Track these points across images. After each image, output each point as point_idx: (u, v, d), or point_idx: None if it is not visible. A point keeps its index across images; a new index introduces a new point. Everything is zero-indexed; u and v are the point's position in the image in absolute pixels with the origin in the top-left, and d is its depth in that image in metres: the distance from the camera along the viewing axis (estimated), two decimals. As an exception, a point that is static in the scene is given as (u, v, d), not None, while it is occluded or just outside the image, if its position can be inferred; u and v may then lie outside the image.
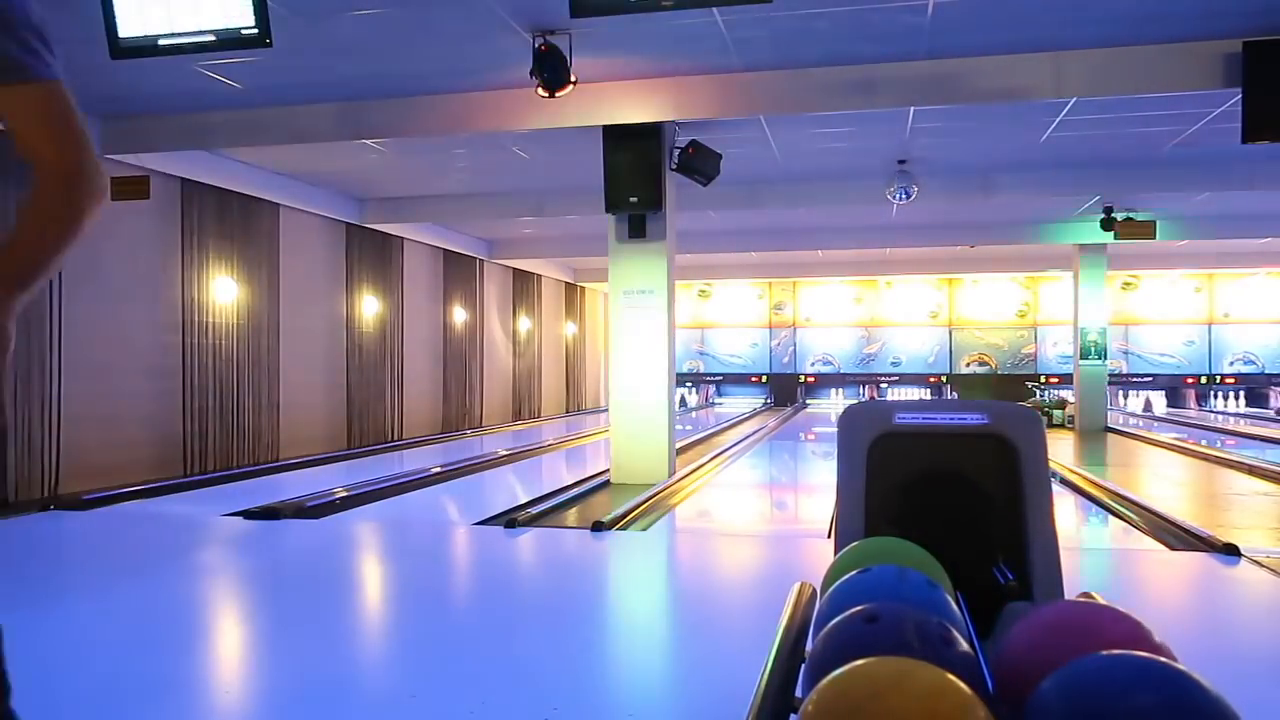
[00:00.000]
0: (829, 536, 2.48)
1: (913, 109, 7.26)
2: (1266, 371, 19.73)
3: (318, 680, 3.10)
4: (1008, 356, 20.71)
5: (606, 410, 14.36)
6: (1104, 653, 1.31)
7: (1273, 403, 19.33)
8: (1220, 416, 17.69)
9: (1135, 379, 20.18)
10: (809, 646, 1.65)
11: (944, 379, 20.70)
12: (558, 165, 9.41)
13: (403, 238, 12.81)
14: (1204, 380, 19.89)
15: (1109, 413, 15.12)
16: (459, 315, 14.67)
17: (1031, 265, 17.95)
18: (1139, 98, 6.71)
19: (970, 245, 14.43)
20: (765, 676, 1.54)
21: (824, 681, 1.31)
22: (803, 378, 21.26)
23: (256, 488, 7.83)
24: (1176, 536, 5.56)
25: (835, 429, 2.61)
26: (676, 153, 7.44)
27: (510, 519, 5.96)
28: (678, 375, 11.10)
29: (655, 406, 7.69)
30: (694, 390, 21.72)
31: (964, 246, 14.65)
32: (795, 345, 21.40)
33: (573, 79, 5.95)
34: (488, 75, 6.71)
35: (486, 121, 7.21)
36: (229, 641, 3.81)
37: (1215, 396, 19.87)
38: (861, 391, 20.96)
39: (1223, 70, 5.93)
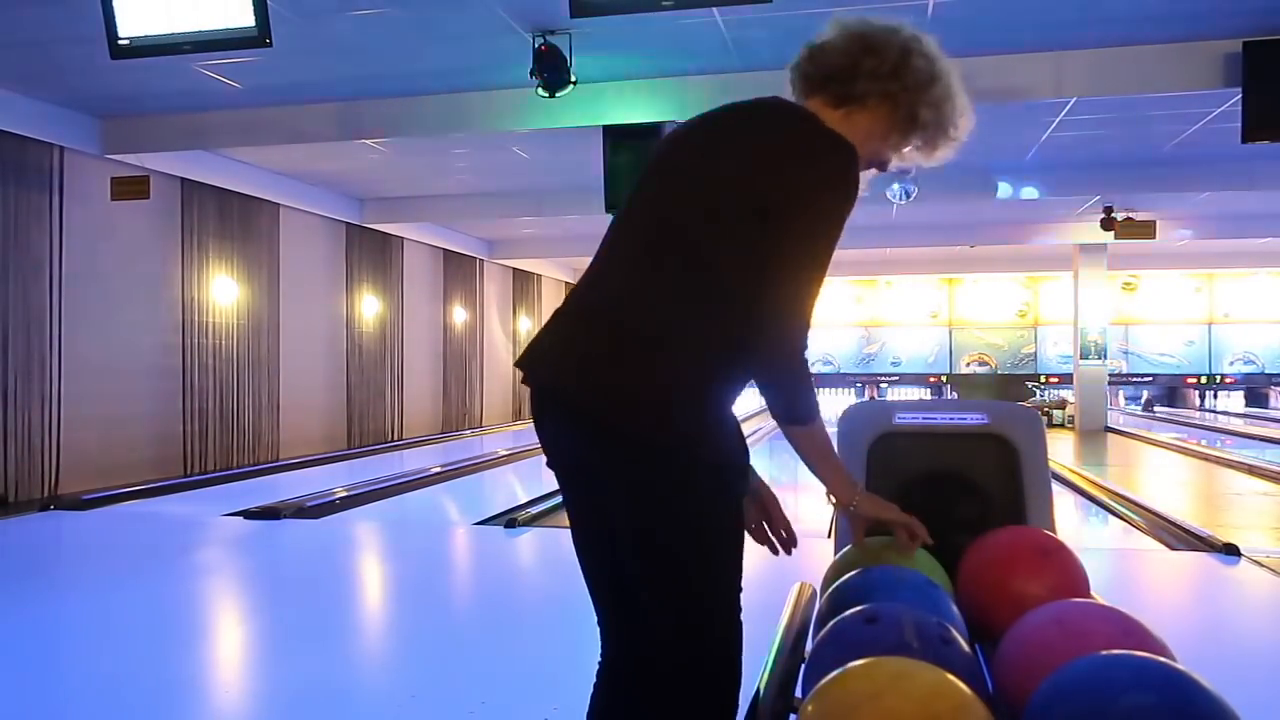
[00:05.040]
0: (829, 536, 2.48)
1: (913, 109, 7.26)
2: (1266, 371, 19.73)
3: (318, 680, 3.10)
4: (1008, 356, 20.71)
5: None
6: (1104, 653, 1.31)
7: (1273, 402, 19.33)
8: (1221, 416, 17.69)
9: (1135, 379, 20.18)
10: (809, 646, 1.65)
11: (944, 379, 20.70)
12: (558, 165, 9.40)
13: (403, 238, 12.80)
14: (1204, 380, 19.89)
15: (1109, 413, 15.12)
16: (459, 315, 14.67)
17: (1031, 265, 17.93)
18: (1139, 98, 6.70)
19: (970, 245, 14.43)
20: (765, 676, 1.54)
21: (824, 681, 1.31)
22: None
23: (256, 488, 7.82)
24: (1176, 536, 5.57)
25: (835, 429, 2.61)
26: (676, 153, 7.43)
27: (510, 519, 5.96)
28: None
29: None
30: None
31: (964, 246, 14.65)
32: (795, 345, 21.39)
33: (573, 79, 5.95)
34: (488, 75, 6.71)
35: (486, 121, 7.21)
36: (229, 641, 3.81)
37: (1215, 396, 19.87)
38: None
39: (1223, 70, 5.93)
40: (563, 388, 1.50)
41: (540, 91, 6.00)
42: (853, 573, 1.88)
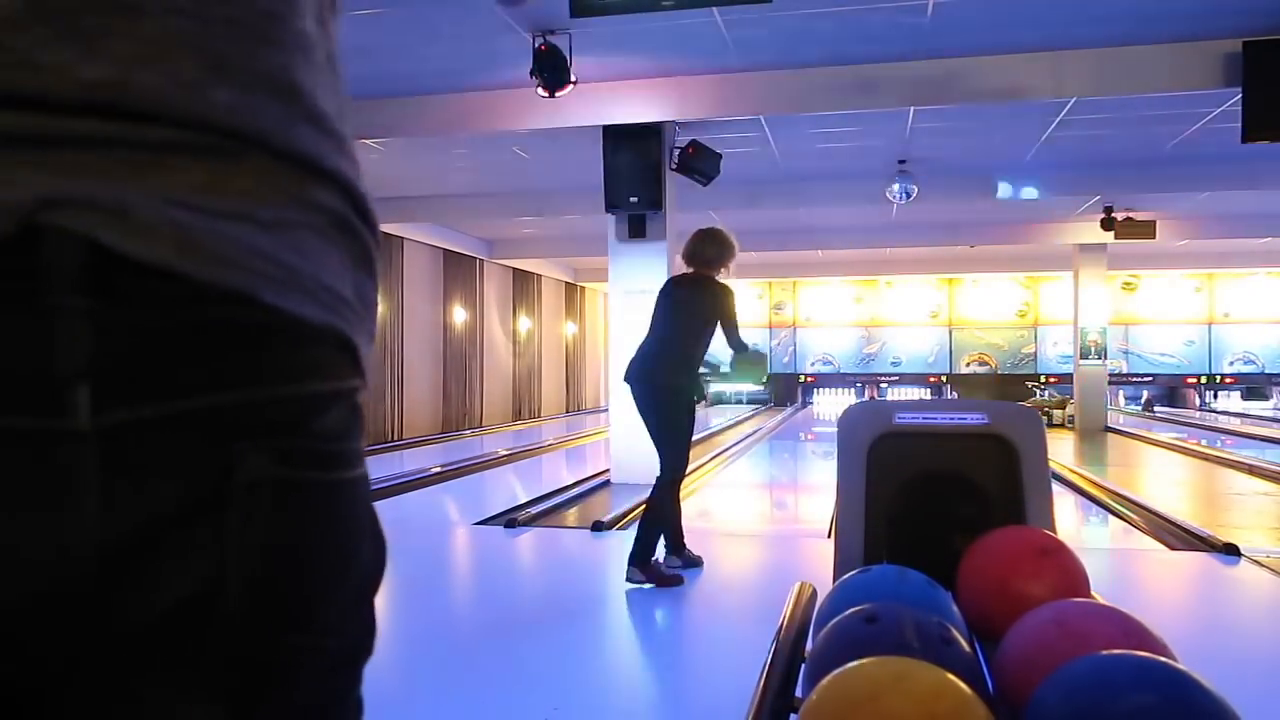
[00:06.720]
0: (829, 536, 2.48)
1: (913, 109, 7.26)
2: (1266, 371, 19.72)
3: (318, 680, 3.10)
4: (1008, 356, 20.71)
5: (606, 410, 14.36)
6: (1104, 653, 1.31)
7: (1272, 402, 19.31)
8: (1221, 416, 17.68)
9: (1135, 379, 20.18)
10: (809, 646, 1.65)
11: (944, 379, 20.70)
12: (558, 165, 9.40)
13: (403, 238, 12.80)
14: (1204, 380, 19.89)
15: (1109, 412, 15.12)
16: (459, 315, 14.67)
17: (1031, 265, 17.93)
18: (1139, 98, 6.71)
19: (970, 245, 14.43)
20: (765, 676, 1.54)
21: (824, 681, 1.31)
22: (803, 377, 21.26)
23: (256, 488, 7.80)
24: (1176, 536, 5.57)
25: (835, 429, 2.61)
26: (676, 153, 7.44)
27: (510, 519, 5.96)
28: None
29: (655, 406, 7.68)
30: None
31: (964, 246, 14.65)
32: (795, 345, 21.40)
33: (573, 79, 5.95)
34: (488, 75, 6.71)
35: (486, 121, 7.21)
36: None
37: (1215, 396, 19.86)
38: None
39: (1223, 70, 5.93)
40: (641, 379, 4.25)
41: (540, 91, 6.00)
42: (853, 573, 1.88)
